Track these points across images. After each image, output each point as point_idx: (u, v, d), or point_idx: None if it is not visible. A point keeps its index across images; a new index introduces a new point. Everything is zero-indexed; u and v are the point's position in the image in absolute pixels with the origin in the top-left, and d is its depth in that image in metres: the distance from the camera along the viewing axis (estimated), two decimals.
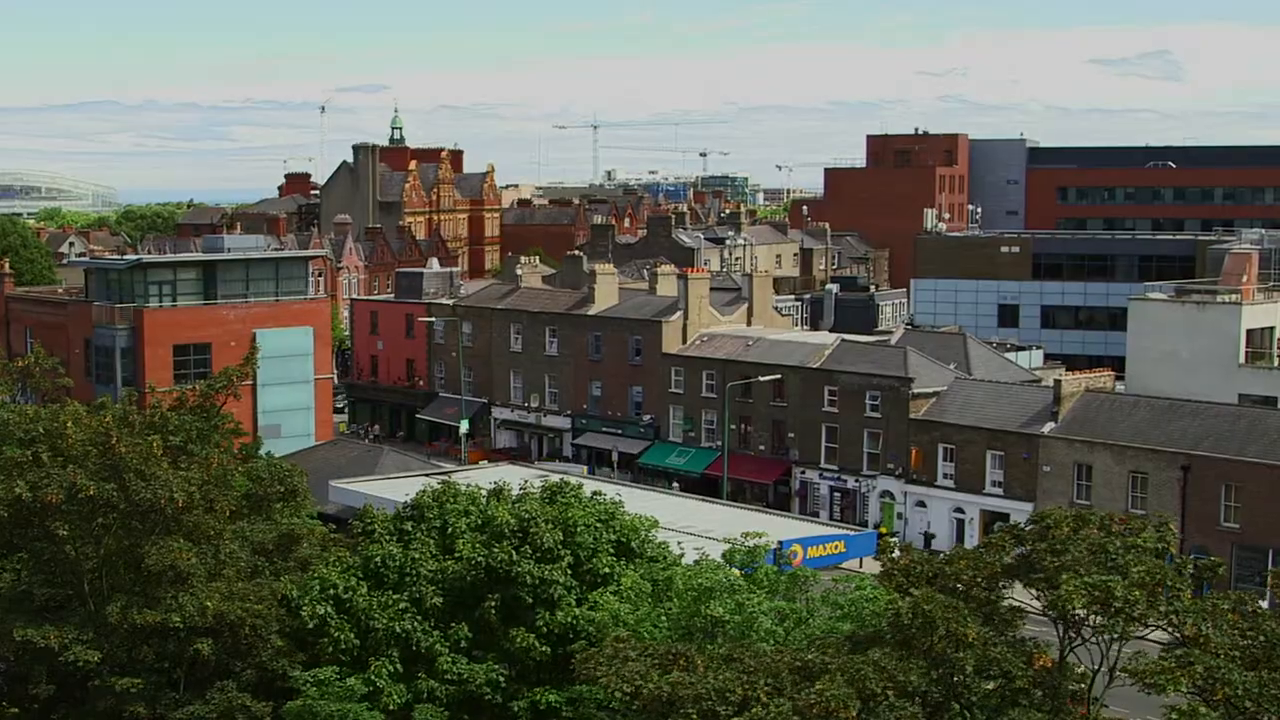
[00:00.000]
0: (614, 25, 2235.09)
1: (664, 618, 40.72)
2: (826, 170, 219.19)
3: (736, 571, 43.83)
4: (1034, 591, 37.27)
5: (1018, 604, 37.67)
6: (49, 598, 43.30)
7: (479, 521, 46.34)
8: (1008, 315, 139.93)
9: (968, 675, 34.44)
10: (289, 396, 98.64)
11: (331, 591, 43.53)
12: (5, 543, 44.74)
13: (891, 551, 44.86)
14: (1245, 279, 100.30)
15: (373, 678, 41.36)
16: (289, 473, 50.54)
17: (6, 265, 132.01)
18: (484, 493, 49.07)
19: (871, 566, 60.85)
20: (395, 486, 69.53)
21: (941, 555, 40.87)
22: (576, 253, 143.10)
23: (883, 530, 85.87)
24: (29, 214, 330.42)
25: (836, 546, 66.56)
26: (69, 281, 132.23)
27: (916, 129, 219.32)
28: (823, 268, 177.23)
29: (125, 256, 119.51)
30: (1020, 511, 75.11)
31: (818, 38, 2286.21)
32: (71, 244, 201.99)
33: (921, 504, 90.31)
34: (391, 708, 41.29)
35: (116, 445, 43.01)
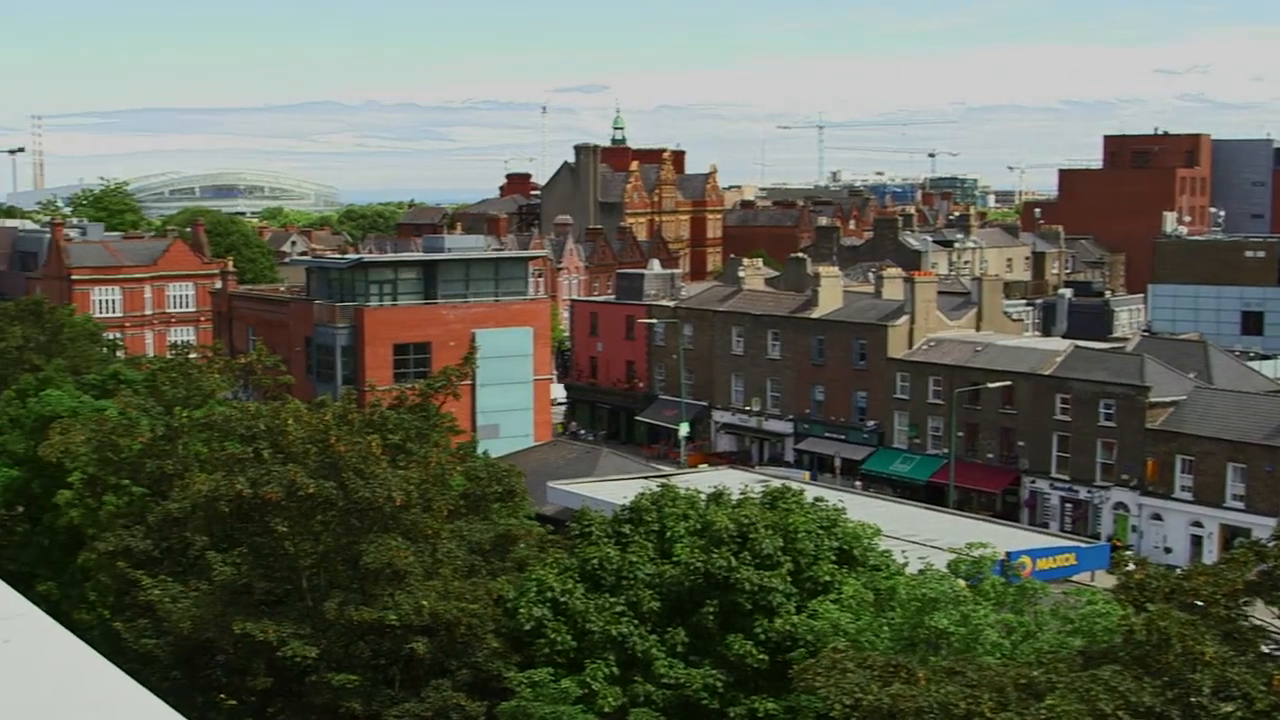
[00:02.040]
0: (836, 23, 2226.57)
1: (885, 628, 40.31)
2: (1061, 171, 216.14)
3: (962, 582, 43.23)
4: (1277, 610, 36.22)
5: (1260, 623, 36.63)
6: (268, 592, 44.21)
7: (698, 526, 46.34)
8: (1252, 323, 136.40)
9: (1205, 696, 33.55)
10: (508, 397, 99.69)
11: (548, 593, 43.81)
12: (226, 537, 45.79)
13: (1126, 565, 43.91)
14: None
15: (588, 680, 41.55)
16: (507, 473, 51.00)
17: (230, 264, 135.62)
18: (703, 497, 49.05)
19: (1104, 580, 59.72)
20: (613, 489, 69.82)
21: (1179, 570, 39.97)
22: (800, 255, 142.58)
23: (1116, 543, 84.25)
24: (252, 213, 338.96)
25: (1067, 559, 65.47)
26: (290, 280, 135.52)
27: (1156, 129, 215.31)
28: (1055, 272, 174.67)
29: (346, 256, 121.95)
30: (1263, 527, 73.09)
31: (1047, 35, 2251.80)
32: (293, 243, 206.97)
33: (1157, 517, 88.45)
34: (607, 710, 41.44)
35: (336, 443, 43.72)
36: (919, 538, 61.22)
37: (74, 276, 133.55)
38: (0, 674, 5.02)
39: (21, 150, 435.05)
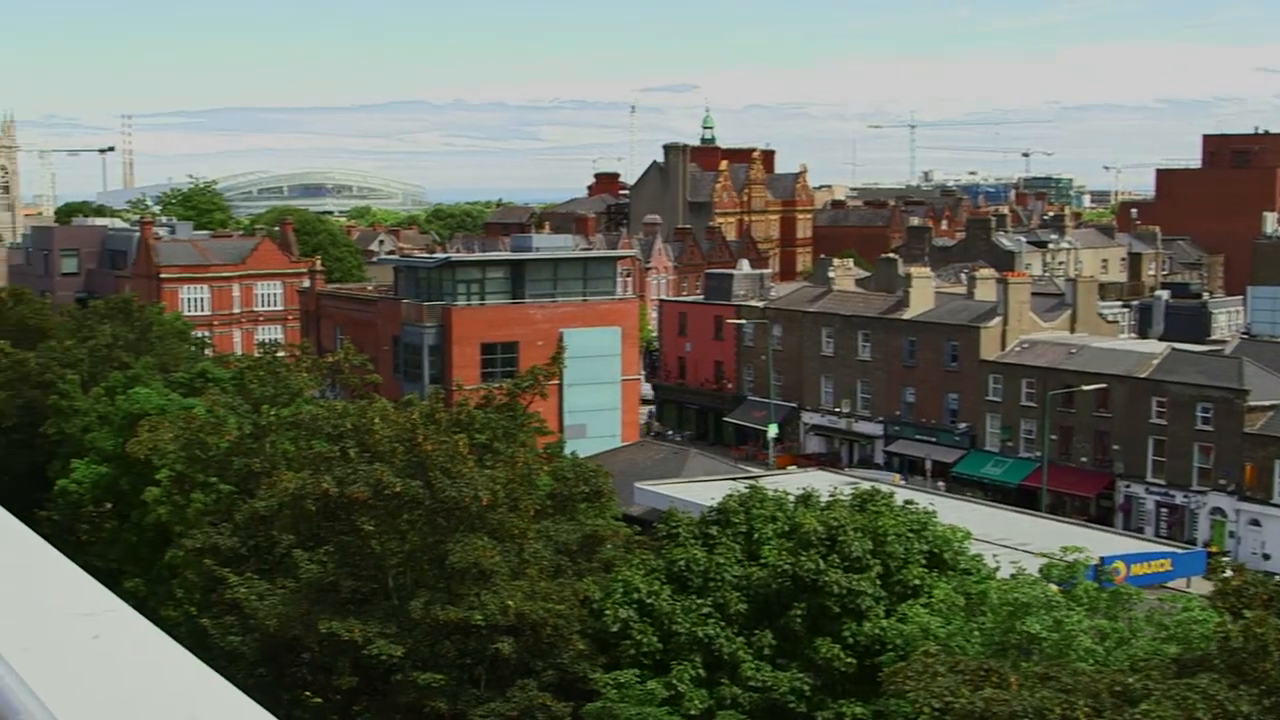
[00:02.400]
0: (928, 22, 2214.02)
1: (976, 633, 40.06)
2: (1158, 171, 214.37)
3: (1054, 587, 42.90)
4: None
5: None
6: (354, 591, 44.44)
7: (786, 528, 46.24)
8: None
9: None
10: (595, 397, 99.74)
11: (635, 594, 43.84)
12: (312, 535, 46.09)
13: (1223, 571, 43.51)
14: None
15: (674, 682, 41.54)
16: (594, 473, 51.06)
17: (318, 263, 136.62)
18: (791, 499, 48.93)
19: (1200, 587, 59.14)
20: (701, 490, 69.76)
21: (1277, 577, 39.53)
22: (891, 255, 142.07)
23: (1213, 549, 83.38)
24: (340, 212, 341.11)
25: (1162, 564, 64.85)
26: (378, 279, 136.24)
27: (1256, 128, 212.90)
28: (1152, 273, 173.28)
29: (434, 255, 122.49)
30: None
31: (1143, 33, 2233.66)
32: (381, 242, 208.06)
33: (1255, 523, 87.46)
34: (693, 713, 41.40)
35: (423, 443, 43.89)
36: (1011, 542, 60.81)
37: (163, 275, 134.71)
38: (90, 668, 5.09)
39: (111, 149, 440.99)
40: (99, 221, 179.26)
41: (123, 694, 4.78)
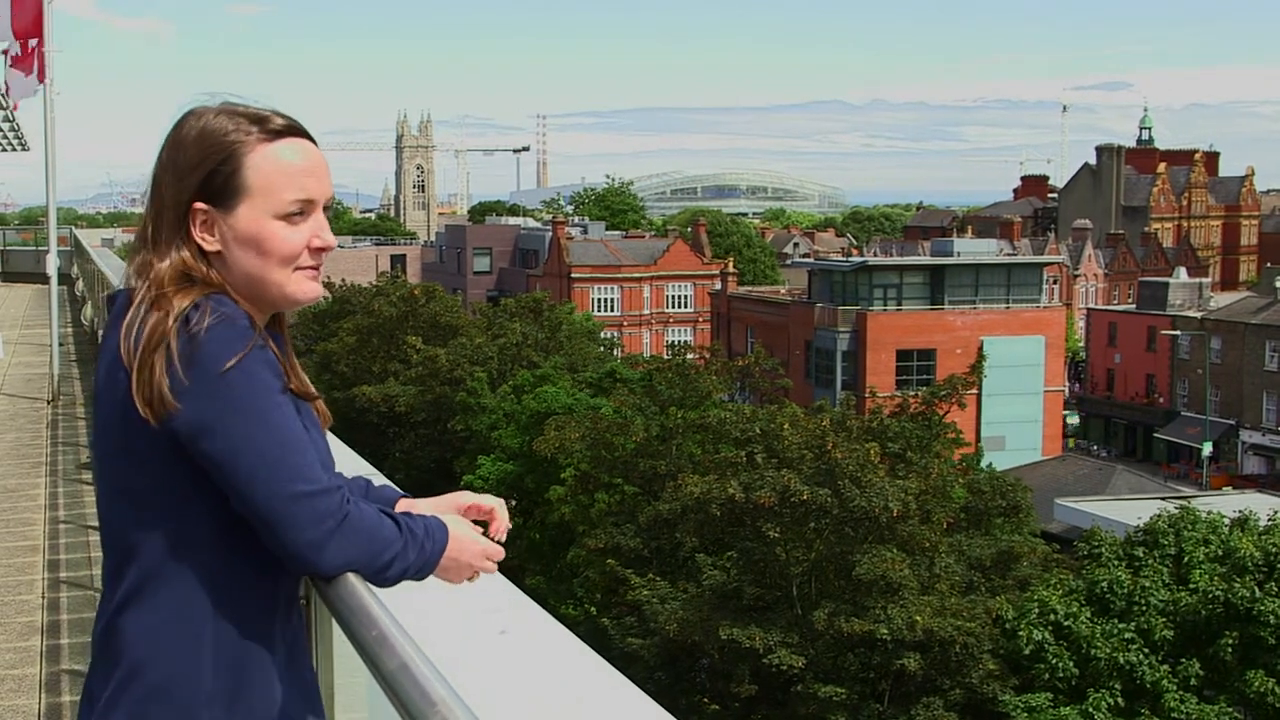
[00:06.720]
0: None
1: None
2: None
3: None
4: None
5: None
6: (756, 598, 44.81)
7: (1219, 552, 45.00)
8: None
9: None
10: (1016, 408, 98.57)
11: (1051, 615, 43.23)
12: (716, 540, 46.70)
13: None
14: None
15: (1090, 709, 40.80)
16: (1012, 487, 50.53)
17: (730, 265, 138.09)
18: (1226, 521, 47.66)
19: None
20: (1126, 508, 68.37)
21: None
22: None
23: None
24: (754, 213, 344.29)
25: None
26: (792, 282, 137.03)
27: None
28: None
29: (850, 258, 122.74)
30: None
31: None
32: (796, 244, 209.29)
33: None
34: None
35: (832, 450, 44.01)
36: None
37: (574, 274, 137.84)
38: (499, 663, 5.39)
39: (526, 149, 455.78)
40: (512, 221, 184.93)
41: (531, 689, 5.06)
